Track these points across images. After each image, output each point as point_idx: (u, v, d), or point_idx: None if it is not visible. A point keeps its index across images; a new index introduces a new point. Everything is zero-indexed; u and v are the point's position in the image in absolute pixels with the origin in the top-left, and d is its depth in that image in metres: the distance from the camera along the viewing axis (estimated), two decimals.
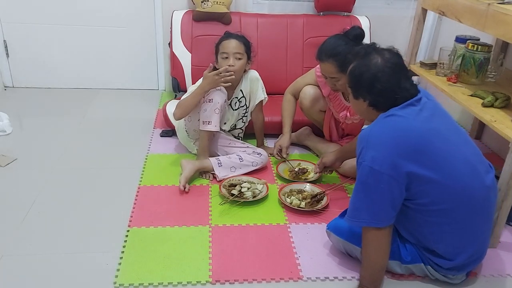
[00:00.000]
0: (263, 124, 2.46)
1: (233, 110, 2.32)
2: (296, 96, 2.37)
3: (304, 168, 2.27)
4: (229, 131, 2.40)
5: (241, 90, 2.29)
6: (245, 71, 2.27)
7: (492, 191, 1.52)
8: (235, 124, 2.39)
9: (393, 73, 1.45)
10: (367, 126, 1.64)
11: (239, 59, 2.18)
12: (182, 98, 2.23)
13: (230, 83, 2.14)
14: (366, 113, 1.55)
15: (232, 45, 2.16)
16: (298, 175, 2.21)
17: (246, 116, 2.40)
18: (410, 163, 1.37)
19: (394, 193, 1.39)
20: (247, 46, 2.22)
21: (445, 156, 1.40)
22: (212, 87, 2.11)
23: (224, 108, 2.22)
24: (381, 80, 1.44)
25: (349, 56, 1.68)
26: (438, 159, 1.39)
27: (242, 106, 2.34)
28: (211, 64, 2.18)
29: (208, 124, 2.14)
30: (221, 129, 2.32)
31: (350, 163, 2.13)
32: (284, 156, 2.28)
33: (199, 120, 2.19)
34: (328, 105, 2.34)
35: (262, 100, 2.36)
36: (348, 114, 2.23)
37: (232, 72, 2.11)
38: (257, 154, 2.28)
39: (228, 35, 2.22)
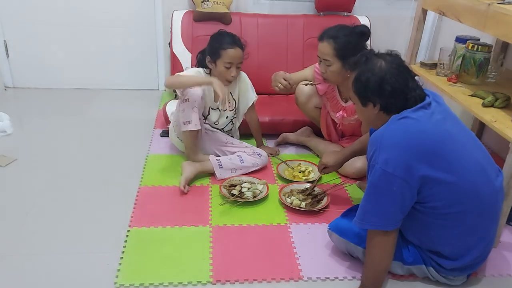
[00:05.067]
0: (258, 124, 2.45)
1: (223, 110, 2.31)
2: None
3: (313, 190, 2.09)
4: (223, 129, 2.38)
5: (230, 93, 2.29)
6: None
7: (500, 195, 1.52)
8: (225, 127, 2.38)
9: (400, 73, 1.44)
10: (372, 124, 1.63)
11: (239, 68, 2.20)
12: (182, 74, 2.21)
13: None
14: (376, 119, 1.51)
15: (238, 55, 2.15)
16: (313, 204, 2.00)
17: (235, 117, 2.40)
18: (423, 165, 1.35)
19: (405, 197, 1.38)
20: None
21: (457, 158, 1.39)
22: (218, 85, 2.08)
23: (203, 105, 2.19)
24: (389, 81, 1.43)
25: (349, 46, 1.78)
26: (451, 161, 1.38)
27: (232, 110, 2.34)
28: None
29: (188, 124, 2.12)
30: (217, 128, 2.33)
31: (351, 164, 2.12)
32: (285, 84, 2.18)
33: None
34: (325, 104, 2.36)
35: (254, 101, 2.36)
36: (344, 114, 2.23)
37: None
38: (257, 155, 2.28)
39: (231, 41, 2.15)
